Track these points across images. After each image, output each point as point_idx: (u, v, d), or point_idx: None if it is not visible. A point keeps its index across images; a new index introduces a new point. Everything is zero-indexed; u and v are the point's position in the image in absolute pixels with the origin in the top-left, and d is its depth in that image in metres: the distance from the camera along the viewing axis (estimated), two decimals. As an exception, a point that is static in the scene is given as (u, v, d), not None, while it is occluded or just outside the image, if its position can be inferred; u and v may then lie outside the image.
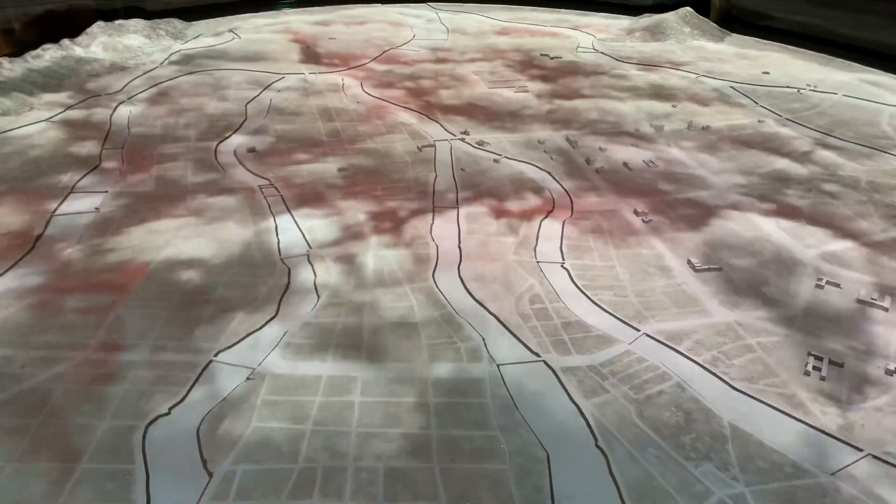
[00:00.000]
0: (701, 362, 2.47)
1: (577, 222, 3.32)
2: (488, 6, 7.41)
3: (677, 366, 2.45)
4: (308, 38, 6.03)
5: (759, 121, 4.57)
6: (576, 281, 2.87)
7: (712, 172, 3.85)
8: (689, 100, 4.91)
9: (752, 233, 3.27)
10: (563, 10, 7.42)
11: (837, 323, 2.70)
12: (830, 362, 2.48)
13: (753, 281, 2.92)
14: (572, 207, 3.44)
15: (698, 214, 3.41)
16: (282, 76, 5.07)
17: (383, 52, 5.74)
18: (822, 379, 2.42)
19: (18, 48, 4.93)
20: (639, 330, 2.62)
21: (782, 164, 3.98)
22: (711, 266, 2.99)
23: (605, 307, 2.72)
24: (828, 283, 2.91)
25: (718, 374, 2.42)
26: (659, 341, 2.56)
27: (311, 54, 5.59)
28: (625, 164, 3.91)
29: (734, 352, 2.53)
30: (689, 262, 3.02)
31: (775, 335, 2.62)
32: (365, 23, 6.59)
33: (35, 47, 4.91)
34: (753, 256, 3.09)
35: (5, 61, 4.63)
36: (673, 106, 4.77)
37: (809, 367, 2.45)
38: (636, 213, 3.40)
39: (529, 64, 5.63)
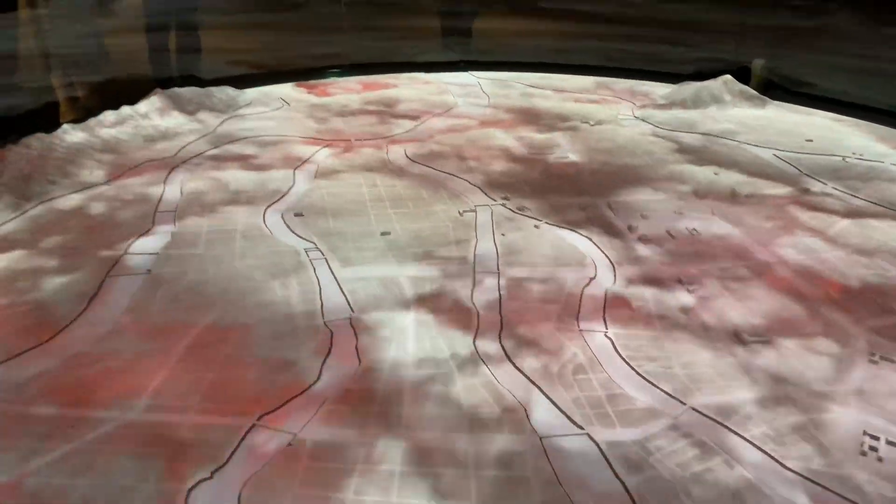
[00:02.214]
0: (750, 439, 2.40)
1: (620, 290, 3.30)
2: (527, 73, 7.57)
3: (725, 442, 2.39)
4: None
5: (804, 189, 4.53)
6: (620, 351, 2.84)
7: (758, 241, 3.81)
8: (731, 167, 4.90)
9: (799, 305, 3.21)
10: (602, 76, 7.54)
11: (894, 400, 2.61)
12: (887, 442, 2.39)
13: (804, 355, 2.85)
14: (615, 275, 3.43)
15: (745, 285, 3.36)
16: (328, 142, 5.22)
17: (425, 120, 5.87)
18: (880, 460, 2.32)
19: (82, 114, 5.20)
20: (685, 403, 2.56)
21: (832, 232, 3.92)
22: (760, 338, 2.93)
23: (650, 379, 2.68)
24: (882, 357, 2.83)
25: (769, 451, 2.35)
26: (706, 416, 2.51)
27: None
28: (667, 231, 3.90)
29: (785, 429, 2.45)
30: (736, 333, 2.97)
31: (829, 412, 2.54)
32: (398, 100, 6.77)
33: (97, 114, 5.16)
34: (802, 330, 3.02)
35: (69, 127, 4.88)
36: (715, 174, 4.77)
37: (866, 448, 2.37)
38: (680, 281, 3.37)
39: (570, 130, 5.70)
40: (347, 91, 6.75)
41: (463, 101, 6.56)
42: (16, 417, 2.41)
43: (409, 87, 6.93)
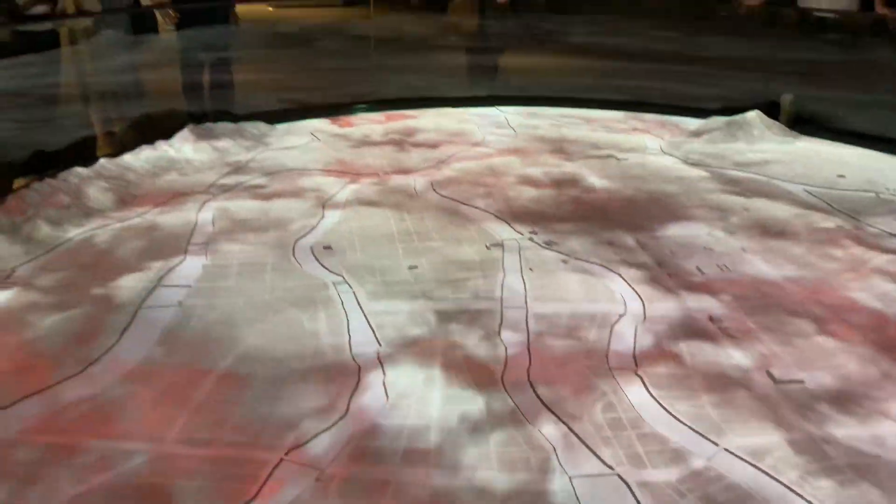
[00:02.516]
0: (786, 483, 2.33)
1: (650, 328, 3.26)
2: (553, 108, 7.59)
3: (760, 485, 2.33)
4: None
5: (836, 226, 4.46)
6: (650, 390, 2.80)
7: (790, 279, 3.75)
8: (761, 202, 4.85)
9: (832, 345, 3.14)
10: (629, 111, 7.53)
11: (936, 445, 2.53)
12: (930, 489, 2.31)
13: (839, 396, 2.78)
14: (645, 312, 3.39)
15: (778, 323, 3.30)
16: (356, 174, 5.29)
17: (451, 152, 5.91)
18: (923, 507, 2.25)
19: (118, 148, 5.33)
20: (717, 444, 2.51)
21: (871, 267, 3.84)
22: (793, 379, 2.87)
23: (681, 418, 2.63)
24: (922, 400, 2.75)
25: (805, 496, 2.28)
26: (739, 457, 2.45)
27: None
28: (698, 268, 3.85)
29: (821, 473, 2.38)
30: (768, 373, 2.91)
31: (866, 456, 2.46)
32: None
33: (133, 148, 5.29)
34: (836, 370, 2.95)
35: (105, 161, 5.00)
36: (745, 209, 4.72)
37: (907, 494, 2.29)
38: (711, 319, 3.32)
39: (599, 160, 5.70)
40: (372, 122, 6.85)
41: (489, 132, 6.60)
42: (34, 447, 2.43)
43: (434, 119, 7.01)
